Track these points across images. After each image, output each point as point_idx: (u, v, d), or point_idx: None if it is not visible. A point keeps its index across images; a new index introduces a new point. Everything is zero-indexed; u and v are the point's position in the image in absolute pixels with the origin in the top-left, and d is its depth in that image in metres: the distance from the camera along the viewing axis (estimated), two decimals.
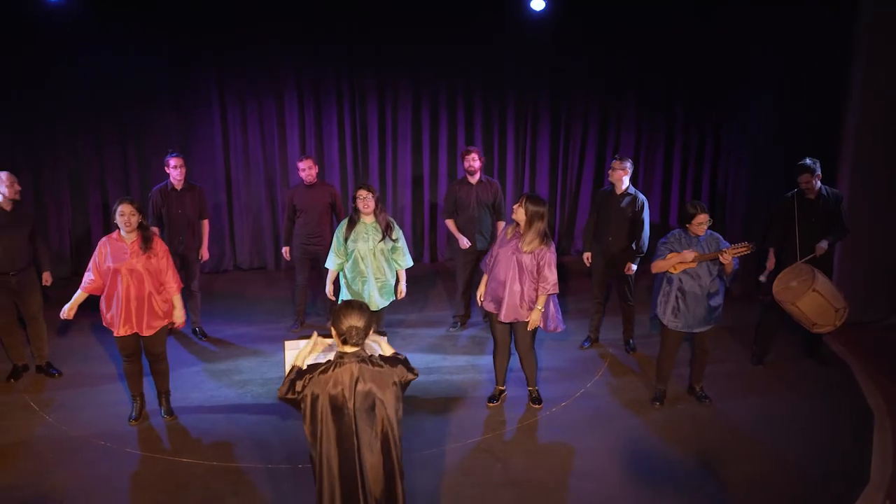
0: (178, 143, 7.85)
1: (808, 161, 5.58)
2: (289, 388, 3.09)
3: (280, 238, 7.76)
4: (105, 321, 4.79)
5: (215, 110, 7.98)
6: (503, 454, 4.66)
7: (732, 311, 5.21)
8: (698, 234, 4.89)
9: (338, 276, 5.54)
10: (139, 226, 4.70)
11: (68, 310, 4.69)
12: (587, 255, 6.21)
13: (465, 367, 5.91)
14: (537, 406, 5.23)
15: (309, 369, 3.11)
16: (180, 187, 6.18)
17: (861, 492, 4.28)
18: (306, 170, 6.37)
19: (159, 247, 4.82)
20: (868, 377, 5.74)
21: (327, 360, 3.12)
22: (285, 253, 6.58)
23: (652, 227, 6.13)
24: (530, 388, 5.29)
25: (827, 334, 5.72)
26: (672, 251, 4.93)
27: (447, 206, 6.49)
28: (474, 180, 6.33)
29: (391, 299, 5.56)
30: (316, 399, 3.05)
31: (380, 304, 5.45)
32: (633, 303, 6.21)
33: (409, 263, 5.52)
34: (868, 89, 6.48)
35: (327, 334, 3.61)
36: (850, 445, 4.79)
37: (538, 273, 4.84)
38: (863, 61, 6.48)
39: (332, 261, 5.43)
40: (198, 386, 5.56)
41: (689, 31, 8.02)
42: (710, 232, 4.95)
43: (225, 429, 4.94)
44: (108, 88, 7.58)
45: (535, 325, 4.94)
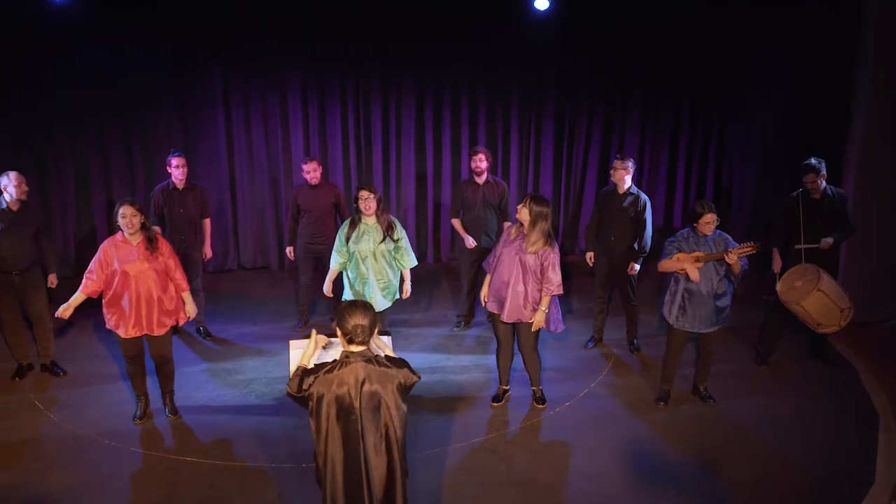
0: (182, 143, 7.87)
1: (813, 161, 5.57)
2: (298, 386, 3.11)
3: (284, 238, 7.76)
4: (110, 324, 4.76)
5: (219, 110, 7.99)
6: (507, 454, 4.65)
7: (737, 312, 5.20)
8: (706, 233, 4.88)
9: (341, 277, 5.55)
10: (142, 227, 4.70)
11: (63, 310, 4.63)
12: (590, 255, 6.20)
13: (468, 366, 5.91)
14: (541, 406, 5.23)
15: (315, 368, 3.12)
16: (182, 187, 6.20)
17: (866, 493, 4.26)
18: (311, 172, 6.37)
19: (164, 246, 4.83)
20: (873, 377, 5.72)
21: (333, 360, 3.13)
22: (289, 253, 6.59)
23: (656, 227, 6.13)
24: (534, 387, 5.28)
25: (832, 334, 5.70)
26: (679, 250, 4.92)
27: (454, 204, 6.50)
28: (481, 181, 6.33)
29: (394, 300, 5.56)
30: (321, 398, 3.05)
31: (382, 306, 5.44)
32: (637, 303, 6.20)
33: (412, 263, 5.50)
34: (874, 89, 6.46)
35: (329, 333, 3.62)
36: (855, 446, 4.77)
37: (542, 274, 4.83)
38: (869, 61, 6.47)
39: (334, 260, 5.43)
40: (202, 385, 5.56)
41: (693, 30, 8.00)
42: (718, 232, 4.94)
43: (229, 428, 4.95)
44: (112, 88, 7.59)
45: (539, 326, 4.93)
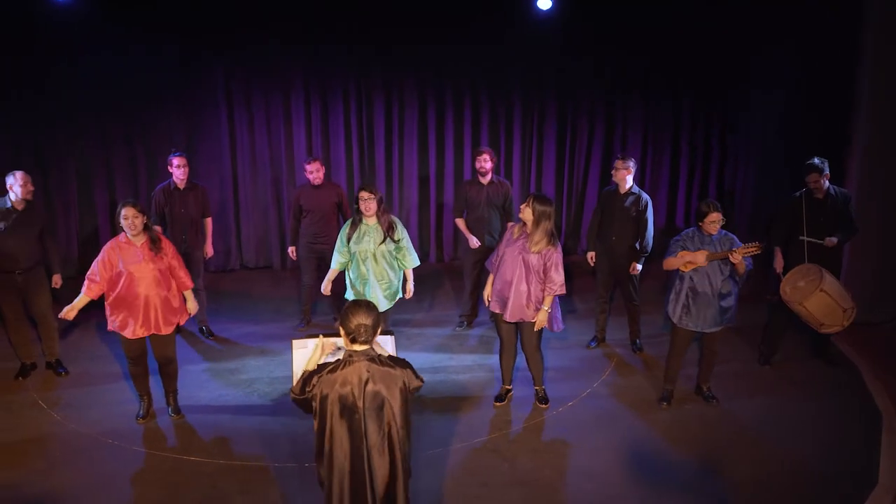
0: (185, 143, 7.87)
1: (816, 161, 5.57)
2: (302, 388, 3.11)
3: (286, 237, 7.76)
4: (114, 325, 4.75)
5: (222, 109, 7.99)
6: (510, 454, 4.66)
7: (740, 312, 5.19)
8: (711, 232, 4.88)
9: (344, 277, 5.54)
10: (144, 227, 4.70)
11: (67, 311, 4.63)
12: (591, 255, 6.21)
13: (471, 366, 5.91)
14: (544, 406, 5.23)
15: (318, 369, 3.12)
16: (183, 186, 6.20)
17: (869, 493, 4.26)
18: (314, 172, 6.36)
19: (168, 246, 4.84)
20: (876, 378, 5.71)
21: (336, 360, 3.13)
22: (291, 253, 6.58)
23: (658, 227, 6.13)
24: (537, 387, 5.28)
25: (835, 335, 5.69)
26: (684, 249, 4.92)
27: (457, 204, 6.49)
28: (485, 181, 6.33)
29: (396, 300, 5.53)
30: (325, 398, 3.06)
31: (383, 306, 5.42)
32: (639, 302, 6.20)
33: (414, 263, 5.47)
34: (875, 89, 6.45)
35: (334, 333, 3.62)
36: (858, 446, 4.77)
37: (545, 274, 4.83)
38: (869, 61, 6.46)
39: (335, 260, 5.42)
40: (204, 385, 5.57)
41: (695, 30, 8.00)
42: (724, 232, 4.94)
43: (231, 427, 4.95)
44: (114, 88, 7.59)
45: (542, 326, 4.93)
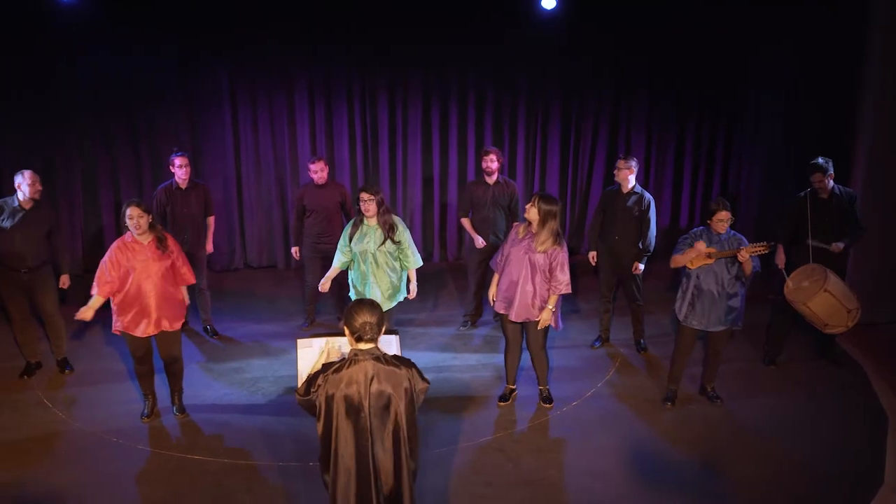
0: (189, 142, 7.89)
1: (820, 160, 5.55)
2: (307, 389, 3.11)
3: (290, 237, 7.77)
4: (121, 325, 4.74)
5: (226, 109, 7.99)
6: (514, 453, 4.66)
7: (744, 312, 5.17)
8: (719, 231, 4.89)
9: (347, 276, 5.53)
10: (150, 226, 4.71)
11: (83, 312, 4.62)
12: (592, 255, 6.20)
13: (475, 366, 5.91)
14: (548, 405, 5.23)
15: (323, 368, 3.13)
16: (185, 186, 6.20)
17: (875, 494, 4.25)
18: (318, 171, 6.35)
19: (173, 244, 4.88)
20: (881, 378, 5.70)
21: (341, 359, 3.13)
22: (295, 253, 6.57)
23: (662, 227, 6.12)
24: (541, 387, 5.28)
25: (840, 335, 5.68)
26: (691, 247, 4.92)
27: (463, 204, 6.49)
28: (491, 180, 6.32)
29: (398, 300, 5.47)
30: (331, 398, 3.06)
31: (384, 307, 5.41)
32: (643, 303, 6.19)
33: (417, 263, 5.43)
34: (881, 88, 6.44)
35: (337, 333, 3.63)
36: (863, 447, 4.76)
37: (550, 273, 4.84)
38: (876, 61, 6.44)
39: (337, 259, 5.41)
40: (209, 384, 5.58)
41: (699, 30, 7.99)
42: (732, 232, 4.95)
43: (236, 426, 4.96)
44: (118, 88, 7.60)
45: (546, 325, 4.93)
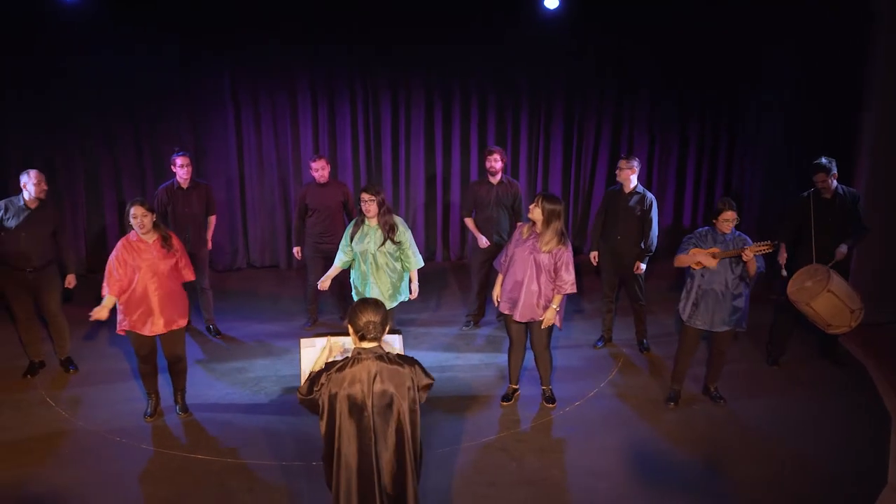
0: (192, 142, 7.90)
1: (823, 160, 5.54)
2: (310, 388, 3.12)
3: (293, 236, 7.77)
4: (127, 324, 4.74)
5: (229, 109, 8.00)
6: (517, 453, 4.66)
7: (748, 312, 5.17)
8: (724, 231, 4.89)
9: (352, 277, 5.52)
10: (154, 225, 4.72)
11: (99, 312, 4.60)
12: (594, 255, 6.20)
13: (478, 365, 5.91)
14: (551, 405, 5.22)
15: (326, 367, 3.13)
16: (186, 186, 6.20)
17: (878, 494, 4.24)
18: (319, 170, 6.35)
19: (177, 242, 4.90)
20: (884, 378, 5.69)
21: (344, 357, 3.14)
22: (296, 253, 6.55)
23: (666, 227, 6.11)
24: (544, 387, 5.28)
25: (843, 335, 5.67)
26: (696, 247, 4.92)
27: (466, 204, 6.47)
28: (495, 180, 6.32)
29: (398, 300, 5.44)
30: (334, 397, 3.06)
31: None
32: (645, 302, 6.18)
33: (418, 264, 5.41)
34: (884, 88, 6.43)
35: (340, 333, 3.63)
36: (866, 447, 4.76)
37: (555, 273, 4.84)
38: (878, 60, 6.44)
39: (338, 258, 5.42)
40: (212, 383, 5.58)
41: (702, 30, 7.98)
42: (737, 233, 4.95)
43: (239, 426, 4.97)
44: (121, 87, 7.62)
45: (550, 324, 4.93)
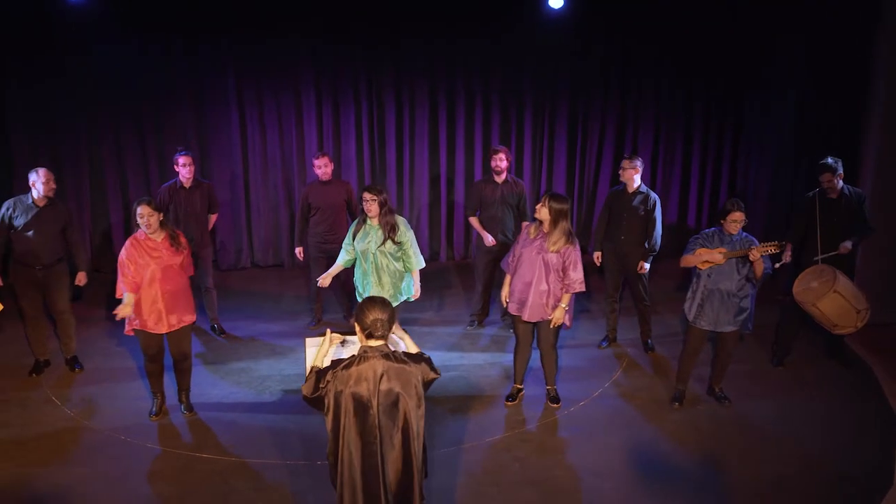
0: (197, 142, 7.91)
1: (829, 160, 5.53)
2: (315, 385, 3.11)
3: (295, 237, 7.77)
4: (138, 323, 4.73)
5: (233, 109, 8.00)
6: (522, 453, 4.66)
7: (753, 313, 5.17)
8: (731, 232, 4.88)
9: (358, 275, 5.51)
10: (161, 224, 4.73)
11: (123, 309, 4.60)
12: (597, 255, 6.19)
13: (483, 365, 5.90)
14: (555, 405, 5.22)
15: (331, 365, 3.13)
16: (189, 185, 6.19)
17: (884, 495, 4.23)
18: (322, 167, 6.34)
19: (184, 240, 4.92)
20: (890, 379, 5.67)
21: (350, 356, 3.14)
22: (298, 253, 6.51)
23: (670, 226, 6.09)
24: (549, 387, 5.28)
25: (849, 335, 5.65)
26: (703, 247, 4.91)
27: (471, 203, 6.45)
28: (500, 179, 6.31)
29: (400, 300, 5.41)
30: (339, 395, 3.06)
31: None
32: (649, 302, 6.18)
33: (419, 265, 5.38)
34: (890, 88, 6.40)
35: (346, 331, 3.63)
36: (872, 447, 4.74)
37: (563, 272, 4.84)
38: (884, 61, 6.41)
39: (341, 256, 5.43)
40: (216, 382, 5.59)
41: (708, 28, 7.97)
42: (745, 234, 4.94)
43: (244, 425, 4.98)
44: (127, 87, 7.62)
45: (559, 323, 4.93)
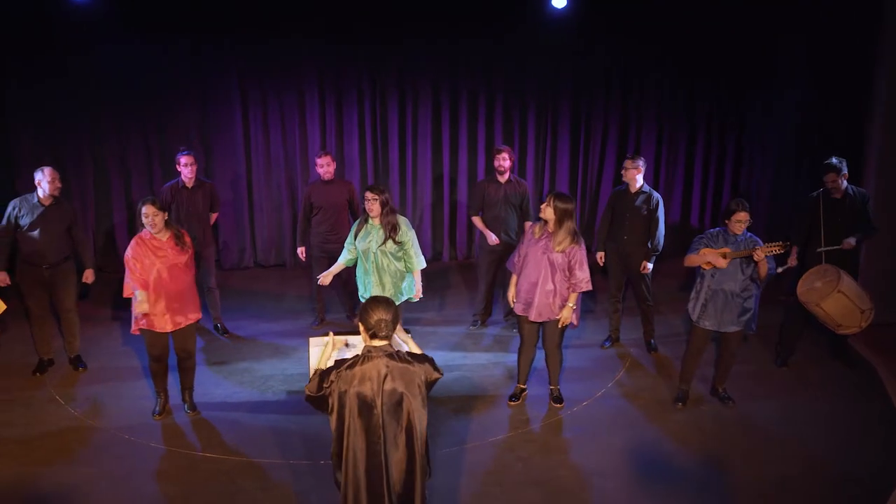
0: (200, 141, 7.91)
1: (834, 160, 5.52)
2: (318, 385, 3.12)
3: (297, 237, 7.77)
4: (144, 323, 4.74)
5: (236, 108, 8.00)
6: (525, 453, 4.66)
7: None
8: (736, 232, 4.88)
9: (361, 276, 5.51)
10: (165, 224, 4.74)
11: (140, 305, 4.60)
12: (600, 255, 6.18)
13: (486, 365, 5.90)
14: (558, 405, 5.22)
15: (335, 364, 3.13)
16: (191, 185, 6.20)
17: (888, 496, 4.22)
18: (324, 166, 6.32)
19: (188, 239, 4.92)
20: (894, 379, 5.66)
21: (354, 356, 3.14)
22: (301, 253, 6.50)
23: (674, 226, 6.08)
24: (552, 386, 5.28)
25: (853, 336, 5.65)
26: (707, 247, 4.91)
27: (474, 202, 6.43)
28: (503, 179, 6.30)
29: (400, 300, 5.40)
30: (343, 394, 3.07)
31: None
32: (652, 302, 6.17)
33: (420, 265, 5.38)
34: (893, 88, 6.38)
35: (349, 331, 3.63)
36: (876, 448, 4.74)
37: (570, 271, 4.84)
38: (887, 60, 6.39)
39: (343, 255, 5.43)
40: (219, 382, 5.59)
41: (710, 28, 7.95)
42: (749, 234, 4.93)
43: (247, 424, 4.98)
44: (130, 87, 7.62)
45: (567, 322, 4.93)
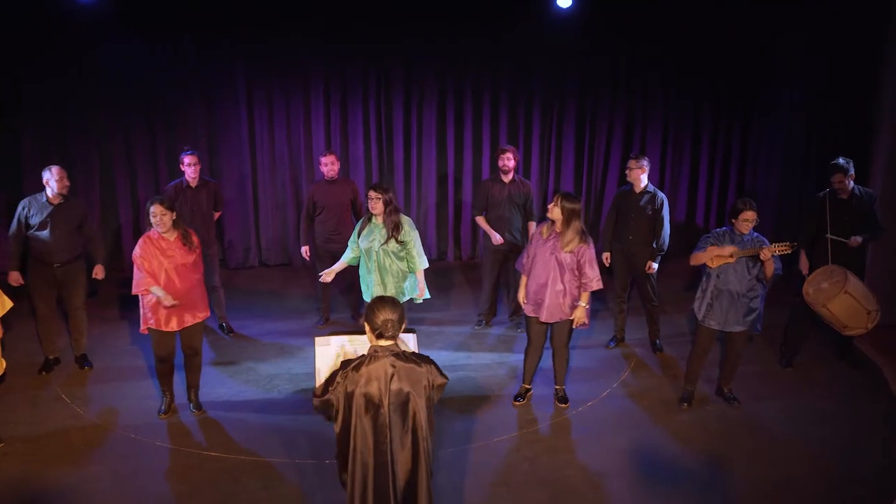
0: (206, 140, 7.93)
1: (841, 161, 5.51)
2: (325, 388, 3.13)
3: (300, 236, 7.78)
4: (153, 322, 4.75)
5: (242, 107, 8.02)
6: (530, 453, 4.65)
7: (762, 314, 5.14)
8: (743, 231, 4.87)
9: (366, 277, 5.51)
10: (173, 223, 4.74)
11: (165, 298, 4.63)
12: (606, 255, 6.17)
13: (490, 364, 5.90)
14: (563, 405, 5.21)
15: (341, 366, 3.14)
16: (195, 184, 6.20)
17: (894, 497, 4.21)
18: (329, 164, 6.33)
19: (196, 239, 4.93)
20: None
21: (360, 356, 3.14)
22: (304, 253, 6.50)
23: (679, 225, 6.06)
24: (557, 386, 5.27)
25: (859, 336, 5.63)
26: (714, 245, 4.91)
27: (478, 202, 6.43)
28: (507, 179, 6.30)
29: (403, 300, 5.36)
30: (350, 395, 3.07)
31: None
32: (658, 303, 6.16)
33: (422, 265, 5.36)
34: None
35: (354, 330, 3.63)
36: (880, 449, 4.72)
37: (579, 271, 4.84)
38: (895, 59, 6.37)
39: (346, 253, 5.44)
40: (224, 381, 5.60)
41: (716, 27, 7.94)
42: (756, 234, 4.92)
43: (252, 423, 4.98)
44: (136, 86, 7.64)
45: (581, 322, 4.94)
